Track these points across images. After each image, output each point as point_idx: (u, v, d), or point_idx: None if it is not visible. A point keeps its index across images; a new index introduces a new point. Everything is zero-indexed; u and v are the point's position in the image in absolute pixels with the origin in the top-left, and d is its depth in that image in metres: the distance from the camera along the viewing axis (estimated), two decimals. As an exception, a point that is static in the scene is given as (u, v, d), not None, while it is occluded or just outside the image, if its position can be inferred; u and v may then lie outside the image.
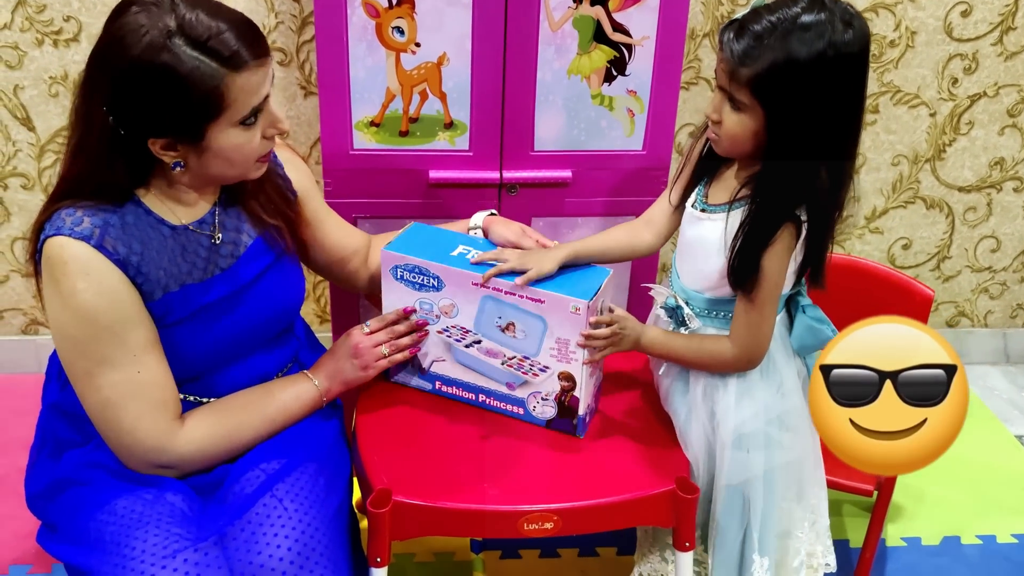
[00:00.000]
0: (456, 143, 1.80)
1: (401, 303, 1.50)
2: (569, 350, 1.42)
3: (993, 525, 2.10)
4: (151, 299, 1.29)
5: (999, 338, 2.73)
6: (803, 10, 1.25)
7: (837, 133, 1.30)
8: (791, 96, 1.26)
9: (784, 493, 1.46)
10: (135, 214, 1.29)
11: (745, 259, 1.35)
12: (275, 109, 1.30)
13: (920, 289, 1.83)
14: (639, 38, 1.75)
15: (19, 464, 1.57)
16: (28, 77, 2.13)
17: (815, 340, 1.44)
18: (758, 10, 1.29)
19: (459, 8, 1.68)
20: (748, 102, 1.29)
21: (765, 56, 1.25)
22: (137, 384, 1.27)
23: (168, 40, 1.16)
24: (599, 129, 1.82)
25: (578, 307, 1.38)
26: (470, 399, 1.54)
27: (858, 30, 1.26)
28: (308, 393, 1.45)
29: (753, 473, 1.43)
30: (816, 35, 1.24)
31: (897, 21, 2.25)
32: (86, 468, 1.35)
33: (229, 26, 1.20)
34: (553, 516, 1.35)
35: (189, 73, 1.17)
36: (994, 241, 2.59)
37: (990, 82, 2.36)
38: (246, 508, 1.28)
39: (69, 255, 1.23)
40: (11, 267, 2.34)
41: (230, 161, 1.28)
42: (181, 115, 1.21)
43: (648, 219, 1.57)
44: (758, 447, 1.43)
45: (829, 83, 1.26)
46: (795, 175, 1.31)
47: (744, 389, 1.44)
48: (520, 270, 1.42)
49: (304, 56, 2.14)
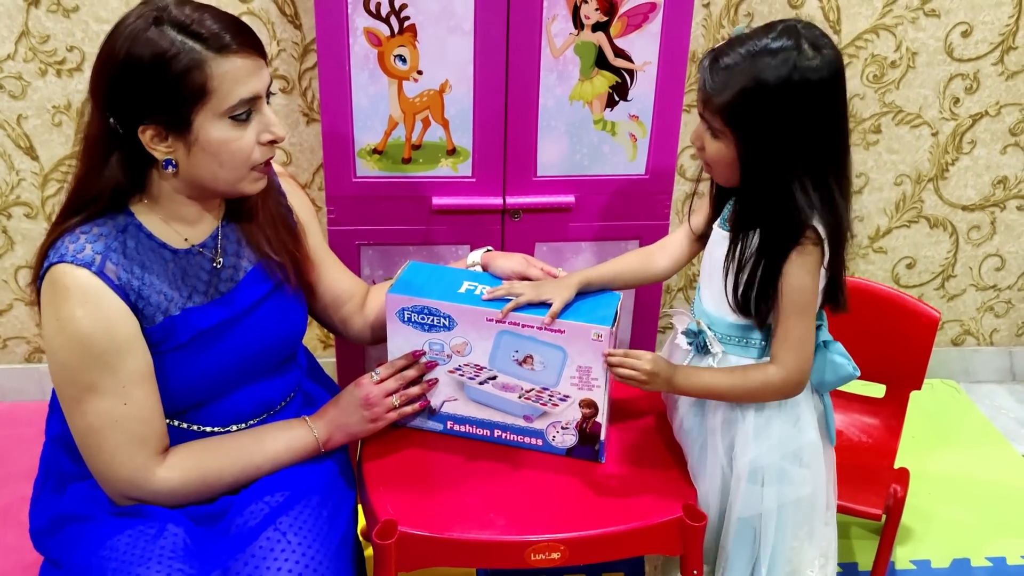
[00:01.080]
0: (459, 169, 1.80)
1: (408, 346, 1.47)
2: (591, 377, 1.41)
3: (1003, 547, 2.08)
4: (152, 323, 1.29)
5: (1005, 356, 2.72)
6: (772, 39, 1.27)
7: (815, 155, 1.30)
8: (760, 121, 1.28)
9: (795, 531, 1.45)
10: (136, 238, 1.30)
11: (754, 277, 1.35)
12: (269, 113, 1.30)
13: (926, 311, 1.83)
14: (641, 63, 1.76)
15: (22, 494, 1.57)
16: (32, 107, 2.14)
17: (836, 377, 1.43)
18: (733, 41, 1.31)
19: (461, 36, 1.69)
20: (722, 129, 1.31)
21: (734, 84, 1.27)
22: (121, 415, 1.27)
23: (152, 25, 1.21)
24: (601, 154, 1.82)
25: (600, 334, 1.38)
26: (485, 436, 1.51)
27: (827, 55, 1.28)
28: (302, 441, 1.41)
29: (766, 507, 1.42)
30: (782, 61, 1.26)
31: (898, 42, 2.26)
32: (88, 503, 1.34)
33: (214, 16, 1.24)
34: (560, 546, 1.34)
35: (168, 49, 1.20)
36: (998, 259, 2.59)
37: (991, 101, 2.36)
38: (249, 542, 1.27)
39: (71, 282, 1.24)
40: (15, 296, 2.34)
41: (219, 160, 1.27)
42: (164, 95, 1.21)
43: (664, 245, 1.57)
44: (772, 481, 1.42)
45: (798, 107, 1.27)
46: (771, 198, 1.31)
47: (762, 423, 1.42)
48: (537, 302, 1.41)
49: (306, 83, 2.15)
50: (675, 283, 2.49)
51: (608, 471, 1.47)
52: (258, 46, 1.27)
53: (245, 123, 1.27)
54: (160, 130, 1.24)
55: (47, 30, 2.06)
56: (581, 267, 1.91)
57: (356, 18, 1.66)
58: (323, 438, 1.43)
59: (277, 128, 1.31)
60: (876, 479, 1.82)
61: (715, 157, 1.34)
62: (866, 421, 1.96)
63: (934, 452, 2.37)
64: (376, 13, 1.66)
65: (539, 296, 1.42)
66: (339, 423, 1.44)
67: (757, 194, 1.33)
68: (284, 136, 1.33)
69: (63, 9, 2.04)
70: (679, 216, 2.40)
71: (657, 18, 1.72)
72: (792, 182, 1.30)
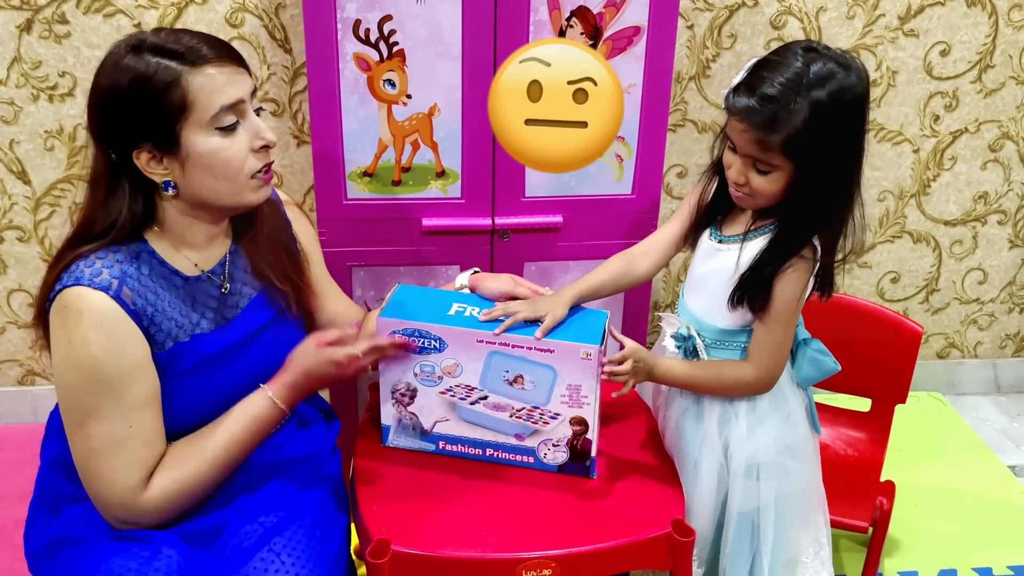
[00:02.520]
0: (448, 191, 1.83)
1: (400, 368, 1.48)
2: (581, 395, 1.43)
3: (989, 557, 2.10)
4: (161, 349, 1.31)
5: (989, 369, 2.75)
6: (805, 64, 1.30)
7: (853, 165, 1.36)
8: (822, 148, 1.31)
9: (791, 522, 1.50)
10: (150, 264, 1.32)
11: (760, 279, 1.40)
12: (256, 120, 1.32)
13: (909, 325, 1.86)
14: (626, 86, 1.78)
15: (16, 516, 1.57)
16: (24, 132, 2.15)
17: (818, 371, 1.50)
18: (760, 73, 1.32)
19: (449, 60, 1.72)
20: (780, 163, 1.33)
21: (792, 118, 1.29)
22: (124, 438, 1.28)
23: (131, 52, 1.25)
24: (588, 175, 1.85)
25: (589, 352, 1.40)
26: (476, 455, 1.53)
27: (856, 69, 1.32)
28: (263, 409, 1.37)
29: (763, 501, 1.48)
30: (830, 85, 1.29)
31: (879, 61, 2.30)
32: (84, 526, 1.35)
33: (190, 34, 1.28)
34: (551, 563, 1.35)
35: (145, 71, 1.24)
36: (981, 273, 2.62)
37: (971, 118, 2.41)
38: (244, 562, 1.28)
39: (86, 305, 1.25)
40: (7, 319, 2.35)
41: (213, 173, 1.29)
42: (147, 115, 1.24)
43: (645, 249, 1.59)
44: (769, 476, 1.48)
45: (851, 125, 1.33)
46: (819, 208, 1.36)
47: (756, 420, 1.48)
48: (533, 318, 1.44)
49: (296, 106, 2.18)
50: (663, 299, 2.52)
51: (598, 487, 1.49)
52: (234, 55, 1.30)
53: (233, 132, 1.29)
54: (153, 152, 1.27)
55: (39, 56, 2.08)
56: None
57: (346, 43, 1.69)
58: (283, 394, 1.38)
59: (267, 133, 1.33)
60: (863, 492, 1.84)
61: (766, 190, 1.37)
62: (852, 435, 1.99)
63: (920, 464, 2.39)
64: (365, 39, 1.69)
65: (535, 313, 1.44)
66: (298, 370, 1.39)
67: (804, 212, 1.36)
68: (275, 140, 1.34)
69: (55, 35, 2.07)
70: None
71: (641, 41, 1.76)
72: (839, 190, 1.35)
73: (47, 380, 2.44)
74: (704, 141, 2.33)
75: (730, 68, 2.26)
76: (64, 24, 2.06)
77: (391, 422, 1.54)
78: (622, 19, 1.74)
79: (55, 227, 2.25)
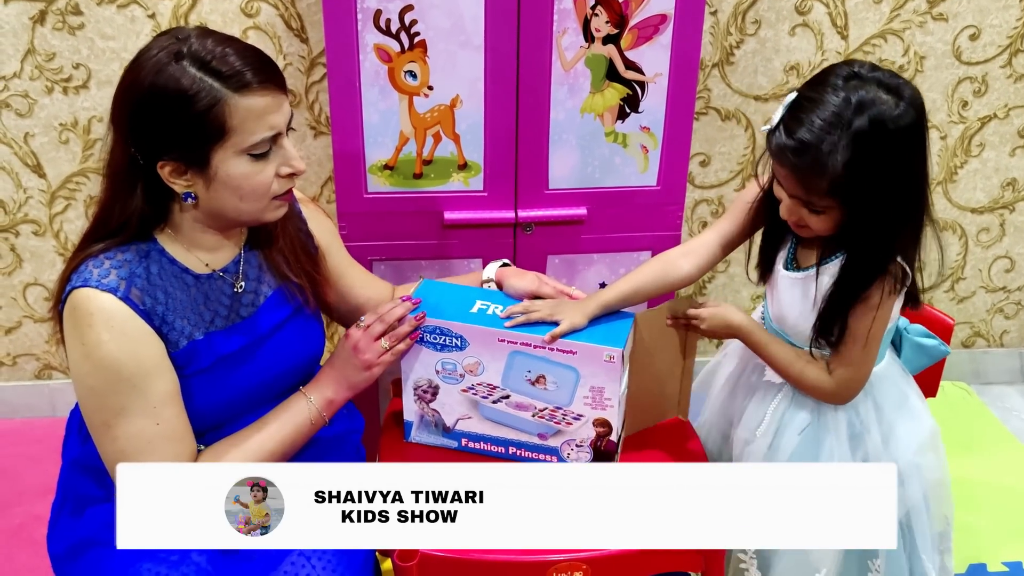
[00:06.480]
0: (470, 184, 1.80)
1: (422, 365, 1.47)
2: (604, 397, 1.41)
3: (1019, 551, 2.08)
4: (176, 348, 1.30)
5: (1016, 358, 2.72)
6: (846, 95, 1.24)
7: (914, 192, 1.31)
8: (870, 184, 1.26)
9: (938, 511, 1.52)
10: (159, 263, 1.30)
11: (836, 311, 1.37)
12: (289, 147, 1.30)
13: (940, 318, 1.82)
14: (652, 75, 1.75)
15: (35, 512, 1.56)
16: (38, 125, 2.13)
17: (927, 356, 1.52)
18: (797, 115, 1.27)
19: (471, 51, 1.68)
20: (829, 204, 1.29)
21: (832, 160, 1.24)
22: (153, 436, 1.27)
23: (173, 60, 1.20)
24: (613, 166, 1.82)
25: (612, 355, 1.38)
26: (500, 452, 1.51)
27: (907, 95, 1.26)
28: (303, 416, 1.39)
29: (912, 503, 1.48)
30: (871, 120, 1.23)
31: (906, 47, 2.25)
32: (110, 528, 1.33)
33: (237, 52, 1.23)
34: (582, 565, 1.34)
35: (189, 87, 1.19)
36: (1008, 261, 2.58)
37: (1000, 104, 2.36)
38: (273, 567, 1.27)
39: (95, 307, 1.23)
40: (24, 313, 2.33)
41: (239, 194, 1.27)
42: (183, 133, 1.21)
43: (688, 250, 1.53)
44: (911, 478, 1.47)
45: (898, 156, 1.26)
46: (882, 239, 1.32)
47: (887, 429, 1.47)
48: (551, 320, 1.41)
49: (313, 97, 2.15)
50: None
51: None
52: (279, 82, 1.27)
53: (265, 158, 1.27)
54: (179, 166, 1.24)
55: (53, 48, 2.06)
56: (594, 279, 1.91)
57: (366, 35, 1.66)
58: (321, 403, 1.40)
59: (297, 162, 1.30)
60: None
61: (822, 227, 1.34)
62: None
63: (947, 456, 2.36)
64: (386, 29, 1.66)
65: (553, 315, 1.41)
66: (335, 377, 1.42)
67: (867, 244, 1.33)
68: (304, 169, 1.32)
69: (68, 27, 2.04)
70: (689, 225, 2.40)
71: (668, 29, 1.72)
72: (898, 228, 1.31)
73: (64, 374, 2.42)
74: (727, 129, 2.29)
75: (754, 55, 2.22)
76: (78, 15, 2.03)
77: (413, 418, 1.53)
78: (648, 7, 1.70)
79: (70, 220, 2.24)
